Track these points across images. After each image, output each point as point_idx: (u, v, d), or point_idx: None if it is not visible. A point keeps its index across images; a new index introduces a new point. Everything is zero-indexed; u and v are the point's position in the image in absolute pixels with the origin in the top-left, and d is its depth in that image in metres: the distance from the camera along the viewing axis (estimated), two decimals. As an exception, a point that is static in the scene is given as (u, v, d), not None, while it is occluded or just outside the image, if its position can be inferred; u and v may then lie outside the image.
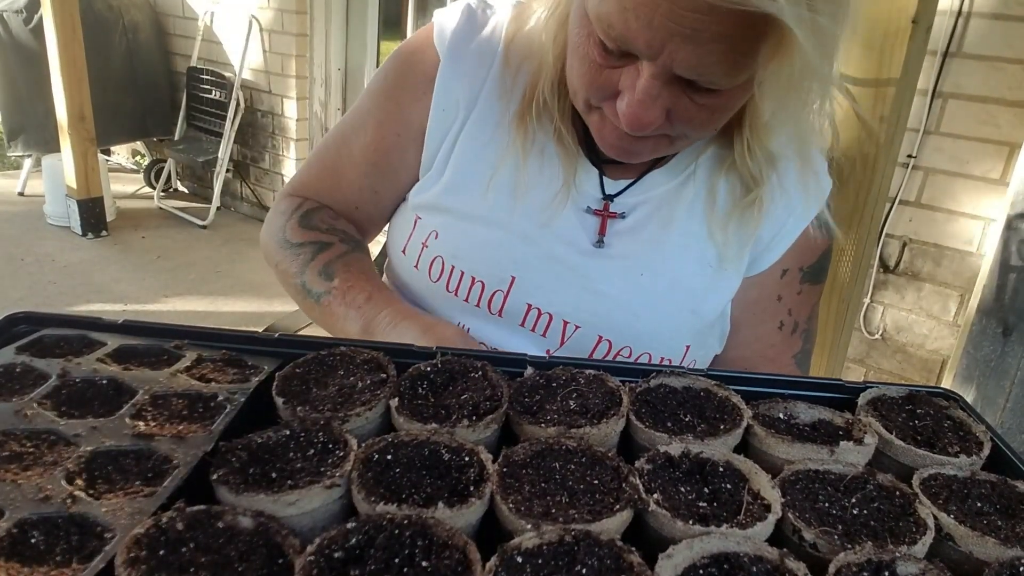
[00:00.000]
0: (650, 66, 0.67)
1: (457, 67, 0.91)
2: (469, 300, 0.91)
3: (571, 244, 0.89)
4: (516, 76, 0.89)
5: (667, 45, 0.64)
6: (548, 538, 0.48)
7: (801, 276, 0.94)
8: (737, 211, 0.88)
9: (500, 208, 0.89)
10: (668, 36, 0.63)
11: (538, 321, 0.90)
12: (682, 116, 0.72)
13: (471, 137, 0.91)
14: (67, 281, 3.74)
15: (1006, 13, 2.20)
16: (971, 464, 0.64)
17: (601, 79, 0.72)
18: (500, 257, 0.89)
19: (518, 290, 0.89)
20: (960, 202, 2.41)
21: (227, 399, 0.61)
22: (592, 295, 0.88)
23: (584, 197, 0.89)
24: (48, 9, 3.71)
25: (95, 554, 0.45)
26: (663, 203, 0.89)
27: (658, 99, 0.69)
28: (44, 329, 0.69)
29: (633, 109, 0.69)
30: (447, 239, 0.91)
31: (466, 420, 0.61)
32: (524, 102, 0.88)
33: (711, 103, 0.71)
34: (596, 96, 0.75)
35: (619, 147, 0.78)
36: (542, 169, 0.89)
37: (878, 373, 2.72)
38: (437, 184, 0.92)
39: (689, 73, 0.66)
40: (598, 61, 0.71)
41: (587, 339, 0.90)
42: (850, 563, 0.50)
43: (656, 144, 0.78)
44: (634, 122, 0.70)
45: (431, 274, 0.92)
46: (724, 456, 0.60)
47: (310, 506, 0.51)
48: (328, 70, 4.36)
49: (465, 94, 0.91)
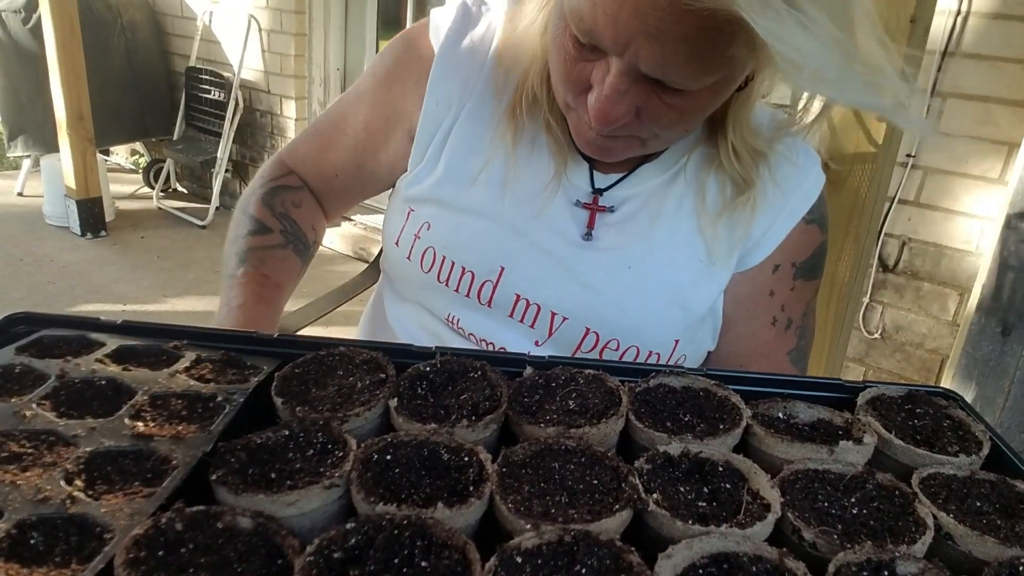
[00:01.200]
0: (618, 62, 0.68)
1: (450, 63, 0.92)
2: (459, 290, 0.92)
3: (560, 236, 0.90)
4: (509, 73, 0.91)
5: (632, 43, 0.64)
6: (547, 538, 0.48)
7: (794, 272, 0.94)
8: (728, 210, 0.89)
9: (491, 200, 0.91)
10: (633, 34, 0.64)
11: (527, 312, 0.91)
12: (651, 115, 0.73)
13: (464, 131, 0.92)
14: (66, 281, 3.74)
15: (1005, 12, 2.20)
16: (970, 463, 0.64)
17: (575, 73, 0.73)
18: (490, 248, 0.90)
19: (507, 281, 0.90)
20: (959, 201, 2.42)
21: (226, 399, 0.61)
22: (580, 287, 0.89)
23: (574, 190, 0.90)
24: (47, 9, 3.71)
25: (94, 555, 0.45)
26: (652, 197, 0.90)
27: (626, 95, 0.70)
28: (43, 329, 0.69)
29: (600, 104, 0.71)
30: (439, 230, 0.92)
31: (465, 420, 0.61)
32: (515, 96, 0.89)
33: (680, 104, 0.71)
34: (571, 91, 0.76)
35: (593, 144, 0.80)
36: (531, 161, 0.90)
37: (877, 373, 2.73)
38: (430, 176, 0.94)
39: (655, 72, 0.67)
40: (572, 54, 0.72)
41: (575, 331, 0.91)
42: (849, 563, 0.50)
43: (628, 144, 0.79)
44: (601, 116, 0.71)
45: (423, 264, 0.93)
46: (723, 456, 0.60)
47: (309, 506, 0.51)
48: (327, 70, 4.36)
49: (458, 89, 0.92)
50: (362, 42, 4.30)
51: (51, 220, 4.39)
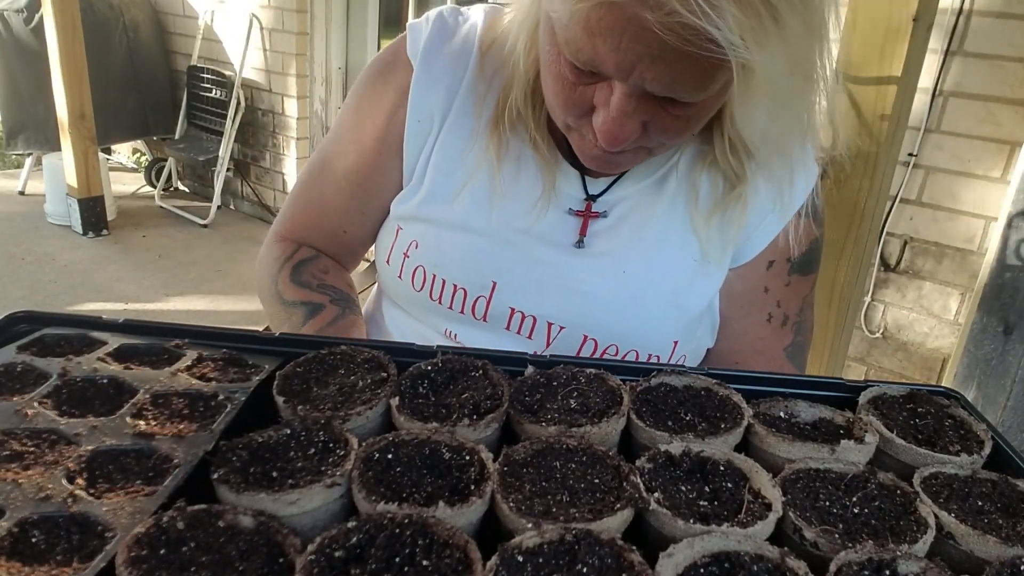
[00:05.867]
0: (622, 84, 0.67)
1: (430, 76, 0.90)
2: (453, 307, 0.91)
3: (551, 245, 0.89)
4: (490, 84, 0.89)
5: (637, 66, 0.63)
6: (549, 537, 0.48)
7: (789, 268, 0.93)
8: (720, 207, 0.88)
9: (478, 215, 0.89)
10: (637, 58, 0.63)
11: (523, 324, 0.90)
12: (658, 127, 0.72)
13: (446, 146, 0.91)
14: (67, 280, 3.75)
15: (1007, 11, 2.20)
16: (972, 463, 0.64)
17: (575, 97, 0.72)
18: (480, 263, 0.89)
19: (500, 295, 0.89)
20: (961, 200, 2.41)
21: (228, 398, 0.61)
22: (574, 295, 0.89)
23: (565, 199, 0.89)
24: (49, 8, 3.71)
25: (96, 553, 0.45)
26: (643, 198, 0.89)
27: (633, 114, 0.69)
28: (45, 328, 0.69)
29: (608, 126, 0.70)
30: (427, 248, 0.91)
31: (467, 419, 0.61)
32: (497, 111, 0.88)
33: (686, 113, 0.71)
34: (572, 115, 0.75)
35: (600, 160, 0.78)
36: (519, 177, 0.89)
37: (879, 372, 2.72)
38: (417, 194, 0.92)
39: (662, 91, 0.66)
40: (570, 79, 0.71)
41: (573, 339, 0.90)
42: (851, 562, 0.50)
43: (635, 155, 0.78)
44: (610, 139, 0.71)
45: (414, 283, 0.92)
46: (725, 455, 0.60)
47: (311, 505, 0.51)
48: (328, 69, 4.36)
49: (439, 103, 0.90)
50: (364, 41, 4.30)
51: (53, 219, 4.39)
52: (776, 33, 0.59)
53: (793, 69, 0.65)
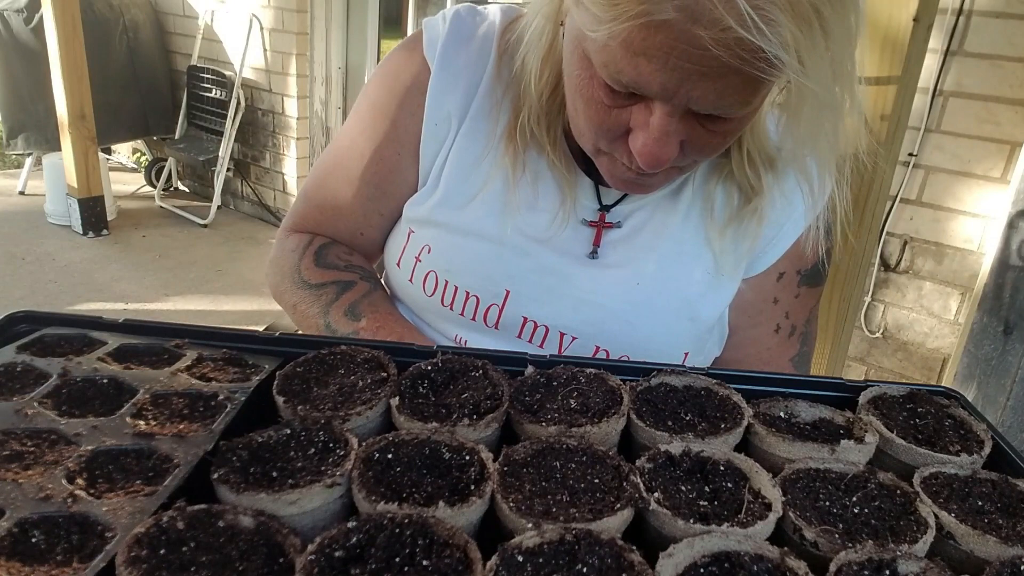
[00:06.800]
0: (664, 104, 0.64)
1: (448, 78, 0.89)
2: (464, 314, 0.90)
3: (565, 256, 0.88)
4: (506, 90, 0.88)
5: (683, 86, 0.61)
6: (549, 537, 0.48)
7: (799, 279, 0.93)
8: (736, 220, 0.87)
9: (492, 222, 0.88)
10: (684, 77, 0.60)
11: (535, 333, 0.90)
12: (696, 145, 0.70)
13: (462, 151, 0.90)
14: (67, 280, 3.75)
15: (1007, 11, 2.20)
16: (972, 463, 0.64)
17: (610, 120, 0.70)
18: (493, 271, 0.88)
19: (513, 303, 0.89)
20: (961, 200, 2.41)
21: (228, 398, 0.61)
22: (587, 306, 0.88)
23: (580, 210, 0.89)
24: (49, 8, 3.71)
25: (96, 553, 0.45)
26: (658, 209, 0.88)
27: (673, 134, 0.67)
28: (45, 328, 0.69)
29: (649, 148, 0.67)
30: (439, 253, 0.90)
31: (467, 419, 0.60)
32: (511, 124, 0.87)
33: (724, 128, 0.69)
34: (606, 138, 0.73)
35: (632, 183, 0.77)
36: (535, 190, 0.88)
37: (879, 372, 2.72)
38: (431, 198, 0.91)
39: (709, 108, 0.64)
40: (605, 103, 0.68)
41: (584, 350, 0.89)
42: (851, 562, 0.50)
43: (667, 175, 0.77)
44: (651, 160, 0.68)
45: (425, 288, 0.92)
46: (725, 455, 0.60)
47: (311, 505, 0.51)
48: (329, 68, 4.36)
49: (457, 106, 0.89)
50: (364, 41, 4.30)
51: (53, 219, 4.39)
52: (824, 44, 0.58)
53: (836, 79, 0.63)
